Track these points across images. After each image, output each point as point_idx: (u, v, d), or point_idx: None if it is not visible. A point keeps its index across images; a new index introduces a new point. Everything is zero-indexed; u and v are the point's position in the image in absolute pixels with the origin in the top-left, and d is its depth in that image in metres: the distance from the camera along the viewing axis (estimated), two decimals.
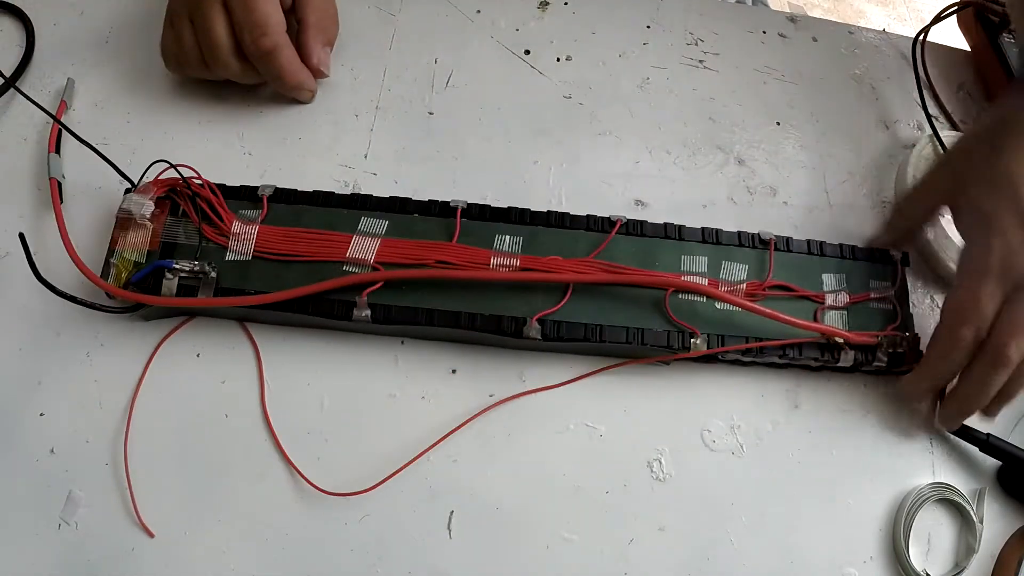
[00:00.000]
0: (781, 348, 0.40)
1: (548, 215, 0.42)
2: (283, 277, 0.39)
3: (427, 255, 0.40)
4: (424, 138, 0.47)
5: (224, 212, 0.40)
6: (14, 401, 0.38)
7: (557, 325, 0.39)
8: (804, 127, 0.51)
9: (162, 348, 0.40)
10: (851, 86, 0.54)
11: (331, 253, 0.40)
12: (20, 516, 0.36)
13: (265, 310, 0.38)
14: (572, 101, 0.50)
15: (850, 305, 0.42)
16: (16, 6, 0.49)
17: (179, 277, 0.38)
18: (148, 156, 0.42)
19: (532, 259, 0.40)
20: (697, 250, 0.42)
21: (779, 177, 0.49)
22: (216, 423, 0.39)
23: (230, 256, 0.39)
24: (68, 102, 0.45)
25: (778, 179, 0.49)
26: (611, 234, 0.41)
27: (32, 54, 0.47)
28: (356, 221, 0.41)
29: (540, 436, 0.40)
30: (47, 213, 0.42)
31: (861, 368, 0.42)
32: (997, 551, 0.41)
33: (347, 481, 0.38)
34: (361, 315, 0.38)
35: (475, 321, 0.39)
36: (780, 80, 0.53)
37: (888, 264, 0.44)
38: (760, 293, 0.41)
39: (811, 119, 0.52)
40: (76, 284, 0.39)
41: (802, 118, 0.52)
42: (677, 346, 0.39)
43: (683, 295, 0.41)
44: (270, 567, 0.36)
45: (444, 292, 0.39)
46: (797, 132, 0.51)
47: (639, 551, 0.38)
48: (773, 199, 0.48)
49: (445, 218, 0.41)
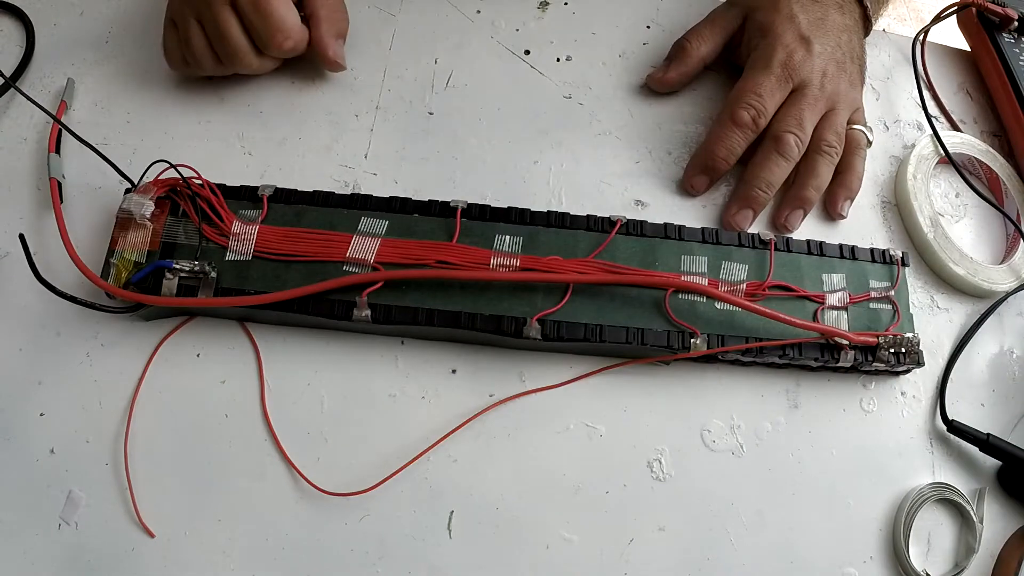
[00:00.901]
0: (781, 348, 0.40)
1: (548, 215, 0.42)
2: (283, 277, 0.39)
3: (427, 255, 0.40)
4: (424, 138, 0.47)
5: (224, 212, 0.40)
6: (14, 401, 0.38)
7: (557, 325, 0.39)
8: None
9: (162, 348, 0.40)
10: None
11: (331, 253, 0.40)
12: (20, 516, 0.36)
13: (265, 310, 0.38)
14: (572, 101, 0.50)
15: (850, 305, 0.42)
16: (16, 6, 0.49)
17: (179, 277, 0.38)
18: (148, 156, 0.42)
19: (532, 259, 0.40)
20: (697, 250, 0.42)
21: None
22: (216, 423, 0.39)
23: (230, 256, 0.39)
24: (68, 102, 0.45)
25: None
26: (611, 234, 0.41)
27: (32, 54, 0.47)
28: (356, 221, 0.41)
29: (540, 436, 0.40)
30: (47, 213, 0.42)
31: (861, 368, 0.42)
32: (997, 551, 0.41)
33: (347, 481, 0.38)
34: (361, 315, 0.38)
35: (475, 321, 0.39)
36: None
37: (888, 264, 0.44)
38: (760, 293, 0.41)
39: None
40: (76, 284, 0.39)
41: None
42: (677, 346, 0.39)
43: (683, 295, 0.40)
44: (270, 567, 0.36)
45: (444, 292, 0.39)
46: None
47: (639, 551, 0.38)
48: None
49: (445, 218, 0.41)
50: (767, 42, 0.46)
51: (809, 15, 0.47)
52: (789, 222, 0.46)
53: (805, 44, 0.46)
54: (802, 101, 0.45)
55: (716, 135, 0.46)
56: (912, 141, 0.51)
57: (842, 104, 0.47)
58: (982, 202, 0.50)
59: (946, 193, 0.51)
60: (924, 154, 0.49)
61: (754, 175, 0.45)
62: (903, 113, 0.53)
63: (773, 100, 0.45)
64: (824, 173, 0.46)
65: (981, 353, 0.46)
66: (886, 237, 0.48)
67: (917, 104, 0.52)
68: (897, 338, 0.41)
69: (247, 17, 0.42)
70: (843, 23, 0.48)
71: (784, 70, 0.45)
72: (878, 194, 0.49)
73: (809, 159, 0.46)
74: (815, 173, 0.46)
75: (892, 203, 0.49)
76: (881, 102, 0.53)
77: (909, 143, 0.52)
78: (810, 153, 0.46)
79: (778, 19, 0.47)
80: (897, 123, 0.53)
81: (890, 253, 0.44)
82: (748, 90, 0.45)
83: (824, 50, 0.46)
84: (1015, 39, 0.54)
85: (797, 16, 0.47)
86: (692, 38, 0.49)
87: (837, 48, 0.47)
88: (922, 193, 0.48)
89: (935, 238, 0.47)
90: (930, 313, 0.46)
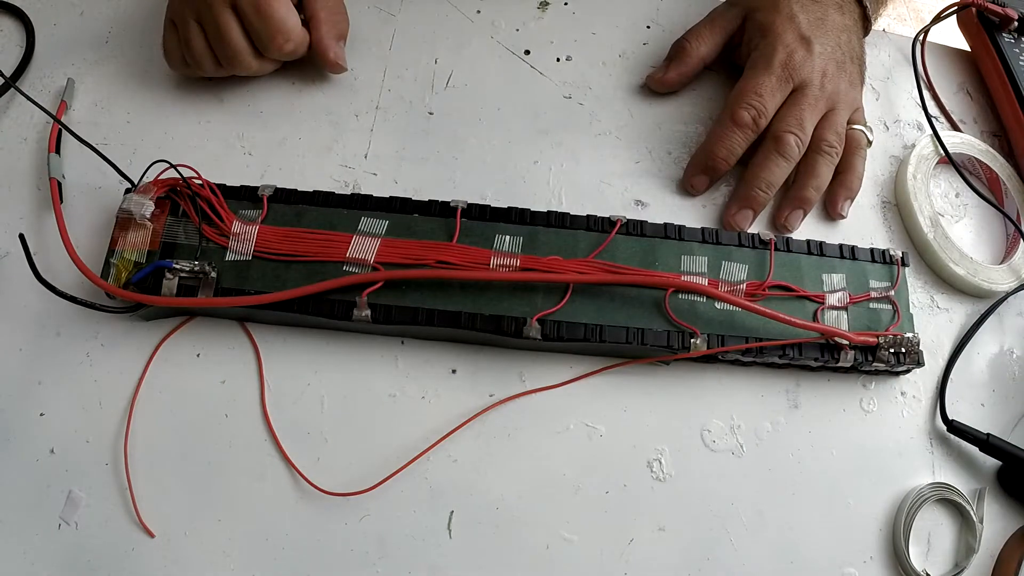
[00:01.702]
0: (781, 348, 0.40)
1: (548, 215, 0.42)
2: (283, 277, 0.39)
3: (427, 255, 0.40)
4: (424, 138, 0.47)
5: (224, 212, 0.40)
6: (14, 401, 0.38)
7: (557, 325, 0.39)
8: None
9: (162, 348, 0.40)
10: None
11: (331, 253, 0.40)
12: (20, 516, 0.36)
13: (265, 310, 0.38)
14: (572, 101, 0.50)
15: (850, 305, 0.42)
16: (16, 6, 0.49)
17: (179, 277, 0.38)
18: (148, 156, 0.42)
19: (532, 259, 0.40)
20: (697, 250, 0.42)
21: None
22: (216, 423, 0.39)
23: (230, 256, 0.39)
24: (68, 102, 0.45)
25: None
26: (611, 234, 0.41)
27: (32, 54, 0.47)
28: (356, 221, 0.41)
29: (540, 436, 0.40)
30: (47, 213, 0.42)
31: (861, 368, 0.42)
32: (997, 551, 0.41)
33: (347, 481, 0.38)
34: (361, 315, 0.38)
35: (475, 321, 0.39)
36: None
37: (888, 264, 0.44)
38: (760, 293, 0.41)
39: None
40: (76, 284, 0.39)
41: None
42: (677, 346, 0.39)
43: (683, 295, 0.40)
44: (270, 567, 0.36)
45: (444, 292, 0.39)
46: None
47: (639, 551, 0.38)
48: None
49: (445, 218, 0.41)
50: (767, 42, 0.46)
51: (809, 15, 0.47)
52: (789, 222, 0.46)
53: (805, 44, 0.46)
54: (802, 101, 0.45)
55: (716, 135, 0.46)
56: (912, 141, 0.51)
57: (842, 104, 0.47)
58: (982, 202, 0.50)
59: (946, 193, 0.51)
60: (924, 154, 0.49)
61: (754, 175, 0.45)
62: (903, 113, 0.53)
63: (773, 100, 0.45)
64: (824, 173, 0.46)
65: (981, 353, 0.46)
66: (886, 237, 0.48)
67: (917, 104, 0.52)
68: (897, 338, 0.41)
69: (247, 19, 0.42)
70: (843, 23, 0.48)
71: (784, 70, 0.45)
72: (878, 194, 0.49)
73: (809, 159, 0.46)
74: (815, 173, 0.46)
75: (892, 203, 0.49)
76: (881, 102, 0.53)
77: (909, 143, 0.52)
78: (810, 153, 0.46)
79: (778, 19, 0.47)
80: (897, 123, 0.53)
81: (890, 253, 0.44)
82: (749, 90, 0.45)
83: (824, 50, 0.47)
84: (1015, 39, 0.55)
85: (797, 16, 0.47)
86: (692, 38, 0.49)
87: (837, 48, 0.47)
88: (922, 193, 0.48)
89: (935, 238, 0.47)
90: (930, 313, 0.46)
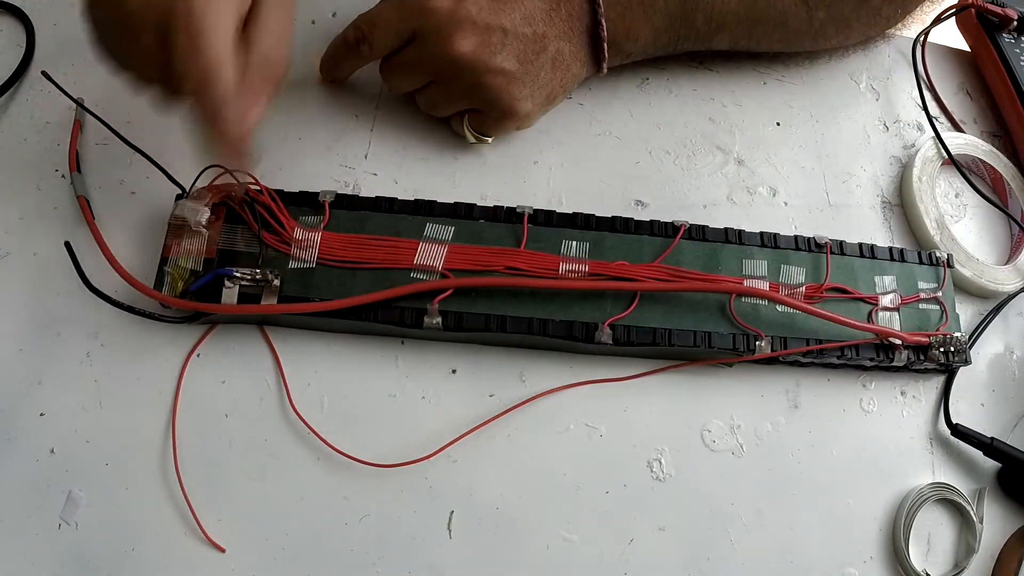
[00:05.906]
0: (840, 349, 0.41)
1: (613, 220, 0.42)
2: (348, 284, 0.39)
3: (496, 261, 0.40)
4: (424, 138, 0.47)
5: (285, 219, 0.40)
6: (14, 401, 0.38)
7: (627, 330, 0.39)
8: (804, 127, 0.51)
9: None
10: (851, 86, 0.54)
11: (398, 260, 0.39)
12: (20, 516, 0.36)
13: (329, 318, 0.38)
14: (572, 101, 0.50)
15: (902, 306, 0.43)
16: (16, 6, 0.49)
17: (239, 285, 0.38)
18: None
19: (600, 264, 0.41)
20: (757, 254, 0.43)
21: (779, 177, 0.49)
22: (216, 423, 0.39)
23: (293, 264, 0.39)
24: (81, 120, 0.45)
25: (778, 179, 0.49)
26: (675, 239, 0.42)
27: (32, 54, 0.47)
28: (421, 227, 0.41)
29: (540, 436, 0.40)
30: (47, 213, 0.42)
31: (912, 367, 0.42)
32: (997, 551, 0.41)
33: (346, 480, 0.38)
34: (432, 323, 0.38)
35: (546, 327, 0.39)
36: (780, 81, 0.53)
37: (933, 265, 0.45)
38: (818, 296, 0.42)
39: (811, 119, 0.52)
40: (117, 290, 0.38)
41: (802, 118, 0.52)
42: (743, 349, 0.40)
43: (745, 298, 0.41)
44: (270, 567, 0.36)
45: (514, 298, 0.39)
46: (797, 132, 0.51)
47: (639, 551, 0.38)
48: (773, 199, 0.48)
49: (512, 224, 0.42)
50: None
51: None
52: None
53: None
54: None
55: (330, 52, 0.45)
56: (912, 141, 0.51)
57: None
58: (984, 202, 0.50)
59: (946, 193, 0.51)
60: (929, 156, 0.49)
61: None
62: (903, 113, 0.53)
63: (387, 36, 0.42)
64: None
65: (982, 353, 0.46)
66: (887, 237, 0.48)
67: (917, 105, 0.52)
68: (947, 338, 0.42)
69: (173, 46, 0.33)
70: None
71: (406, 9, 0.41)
72: (878, 195, 0.49)
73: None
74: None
75: (892, 203, 0.49)
76: (881, 102, 0.53)
77: (909, 143, 0.52)
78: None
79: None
80: (897, 123, 0.53)
81: (935, 255, 0.45)
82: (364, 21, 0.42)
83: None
84: (1015, 39, 0.55)
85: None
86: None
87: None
88: (928, 196, 0.48)
89: (941, 240, 0.47)
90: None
